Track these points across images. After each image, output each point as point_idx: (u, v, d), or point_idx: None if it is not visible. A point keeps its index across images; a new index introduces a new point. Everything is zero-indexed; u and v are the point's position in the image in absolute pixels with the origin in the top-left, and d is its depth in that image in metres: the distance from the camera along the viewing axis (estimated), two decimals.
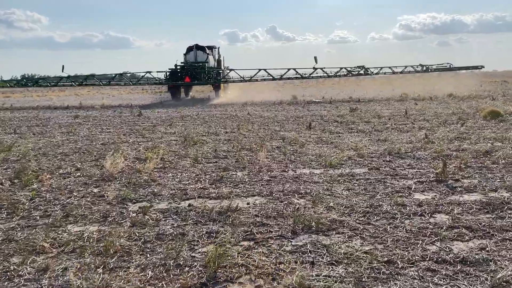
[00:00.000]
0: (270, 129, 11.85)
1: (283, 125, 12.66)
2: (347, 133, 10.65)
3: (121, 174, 6.72)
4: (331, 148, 8.58)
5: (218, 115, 16.60)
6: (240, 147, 8.87)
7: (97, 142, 10.28)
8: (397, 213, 4.47)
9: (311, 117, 14.69)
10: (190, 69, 27.36)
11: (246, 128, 12.12)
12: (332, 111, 16.94)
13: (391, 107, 17.74)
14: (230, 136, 10.73)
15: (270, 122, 13.52)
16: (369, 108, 17.52)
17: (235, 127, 12.53)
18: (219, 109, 19.64)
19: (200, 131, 11.69)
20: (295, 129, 11.80)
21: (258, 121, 14.05)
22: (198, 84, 29.91)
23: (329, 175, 6.20)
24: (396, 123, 12.28)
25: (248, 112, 17.22)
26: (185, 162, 7.46)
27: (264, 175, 6.36)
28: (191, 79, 27.25)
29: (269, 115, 15.99)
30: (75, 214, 4.78)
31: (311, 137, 10.15)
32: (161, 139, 10.43)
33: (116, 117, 16.65)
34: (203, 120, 14.81)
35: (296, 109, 18.35)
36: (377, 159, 7.30)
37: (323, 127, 11.86)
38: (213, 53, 30.79)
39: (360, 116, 14.55)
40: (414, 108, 16.55)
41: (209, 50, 29.70)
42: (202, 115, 16.80)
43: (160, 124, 13.74)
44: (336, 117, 14.57)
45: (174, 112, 18.37)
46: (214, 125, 13.07)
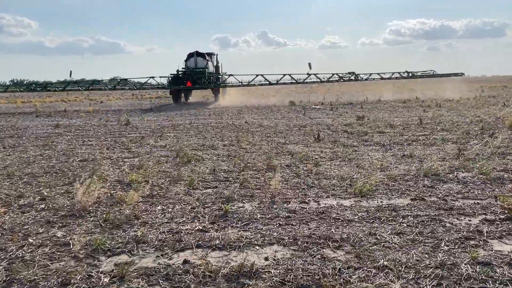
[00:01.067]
0: (273, 141, 10.48)
1: (287, 136, 11.29)
2: (364, 147, 9.31)
3: (97, 206, 5.29)
4: (352, 167, 7.23)
5: (213, 124, 15.19)
6: (243, 166, 7.48)
7: (75, 158, 8.82)
8: (488, 281, 3.10)
9: (316, 126, 13.36)
10: (191, 74, 28.97)
11: (246, 140, 10.73)
12: (337, 119, 15.63)
13: (399, 114, 16.48)
14: (230, 150, 9.34)
15: (272, 133, 12.15)
16: (376, 115, 16.24)
17: (234, 138, 11.13)
18: (214, 117, 18.23)
19: (194, 144, 10.28)
20: (302, 141, 10.44)
21: (258, 131, 12.67)
22: (199, 89, 31.35)
23: (364, 209, 4.83)
24: (414, 134, 10.98)
25: (246, 120, 15.84)
26: (177, 189, 6.04)
27: (280, 209, 4.97)
28: (192, 84, 28.80)
29: (269, 124, 14.62)
30: (22, 278, 3.35)
31: (324, 151, 8.80)
32: (149, 155, 9.01)
33: (101, 127, 15.16)
34: (197, 130, 13.40)
35: (297, 117, 17.01)
36: (414, 183, 5.96)
37: (333, 139, 10.52)
38: (212, 59, 32.35)
39: (370, 125, 13.24)
40: (426, 116, 15.28)
41: (208, 56, 31.25)
42: (195, 124, 15.39)
43: (149, 135, 12.30)
44: (343, 126, 13.25)
45: (165, 121, 16.93)
46: (210, 137, 11.66)
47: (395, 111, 18.05)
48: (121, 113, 21.94)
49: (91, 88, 32.00)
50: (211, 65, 31.58)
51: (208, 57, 31.23)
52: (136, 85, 31.78)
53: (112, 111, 23.87)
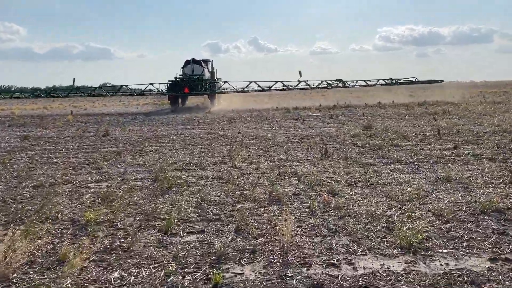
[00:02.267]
0: (272, 158, 8.83)
1: (289, 151, 9.65)
2: (383, 165, 7.69)
3: (28, 268, 3.59)
4: (380, 196, 5.60)
5: (202, 135, 13.50)
6: (238, 195, 5.82)
7: (29, 183, 7.08)
8: None
9: (319, 138, 11.75)
10: (188, 81, 30.11)
11: (241, 155, 9.07)
12: (341, 128, 14.03)
13: (408, 123, 14.94)
14: (221, 170, 7.67)
15: (270, 146, 10.51)
16: (384, 124, 14.67)
17: (226, 154, 9.46)
18: (203, 126, 16.53)
19: (179, 162, 8.59)
20: (307, 157, 8.81)
21: (254, 144, 11.02)
22: (196, 94, 32.49)
23: (427, 280, 3.18)
24: (436, 148, 9.41)
25: (239, 130, 14.18)
26: (149, 237, 4.35)
27: (298, 279, 3.30)
28: (190, 90, 29.92)
29: (266, 135, 12.97)
30: None
31: (337, 172, 7.16)
32: (122, 177, 7.30)
33: (76, 138, 13.39)
34: (183, 143, 11.69)
35: (295, 126, 15.39)
36: (476, 226, 4.34)
37: (343, 154, 8.90)
38: (208, 66, 33.60)
39: (380, 136, 11.66)
40: (439, 125, 13.75)
41: (204, 63, 32.50)
42: (182, 135, 13.69)
43: (128, 150, 10.57)
44: (350, 137, 11.65)
45: (149, 131, 15.19)
46: (197, 152, 9.97)
47: (403, 120, 16.51)
48: (103, 122, 20.16)
49: (93, 94, 33.32)
50: (207, 71, 32.74)
51: (204, 64, 32.36)
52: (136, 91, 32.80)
53: (94, 119, 22.07)
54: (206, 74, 31.95)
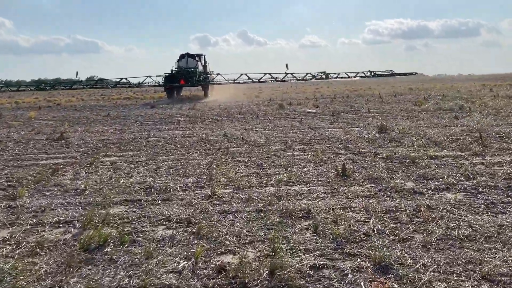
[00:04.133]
0: (269, 178, 6.29)
1: (290, 165, 7.11)
2: (434, 193, 5.18)
3: None
4: (467, 271, 3.08)
5: (179, 138, 10.88)
6: (214, 271, 3.26)
7: None
8: None
9: (325, 144, 9.23)
10: (184, 73, 32.80)
11: (225, 173, 6.52)
12: (349, 130, 11.50)
13: (427, 122, 12.47)
14: (193, 203, 5.10)
15: (264, 157, 7.95)
16: (399, 124, 12.18)
17: (205, 170, 6.88)
18: (183, 126, 13.88)
19: (135, 186, 5.99)
20: (317, 177, 6.28)
21: (243, 153, 8.45)
22: (191, 86, 35.05)
23: None
24: (492, 161, 6.93)
25: (225, 132, 11.57)
26: None
27: None
28: (185, 82, 32.68)
29: (258, 139, 10.40)
30: None
31: (370, 209, 4.63)
32: (37, 218, 4.69)
33: (21, 144, 10.67)
34: (151, 149, 9.08)
35: (293, 126, 12.85)
36: None
37: (367, 172, 6.38)
38: (201, 59, 36.26)
39: (404, 141, 9.19)
40: (469, 126, 11.29)
41: (198, 57, 35.37)
42: (155, 138, 11.05)
43: (75, 162, 7.93)
44: (366, 143, 9.15)
45: (116, 133, 12.51)
46: (166, 166, 7.37)
47: (418, 118, 14.05)
48: (68, 120, 17.39)
49: (95, 87, 36.82)
50: (200, 65, 35.30)
51: (198, 58, 35.17)
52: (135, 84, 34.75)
53: (61, 116, 19.26)
54: (199, 67, 34.58)
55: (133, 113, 20.34)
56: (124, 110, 22.35)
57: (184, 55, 34.36)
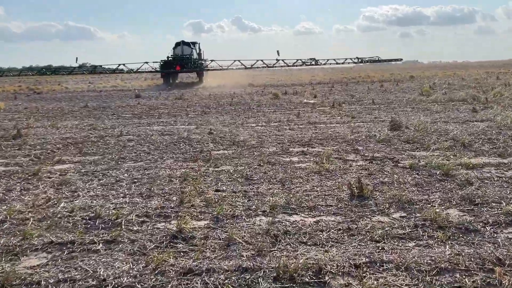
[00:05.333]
0: (260, 201, 4.68)
1: (288, 179, 5.50)
2: (492, 230, 3.60)
3: None
4: None
5: (156, 136, 9.20)
6: None
7: None
8: None
9: (330, 146, 7.62)
10: (179, 60, 34.58)
11: (203, 190, 4.90)
12: (355, 127, 9.89)
13: (443, 116, 10.87)
14: (152, 240, 3.48)
15: (255, 165, 6.32)
16: (411, 119, 10.56)
17: (177, 186, 5.24)
18: (164, 120, 12.18)
19: (74, 214, 4.35)
20: (325, 199, 4.68)
21: (230, 157, 6.82)
22: (186, 72, 37.70)
23: None
24: None
25: (211, 128, 9.90)
26: None
27: None
28: (181, 68, 34.48)
29: (248, 137, 8.76)
30: None
31: (402, 256, 3.03)
32: None
33: None
34: (119, 152, 7.41)
35: (290, 120, 11.22)
36: None
37: (391, 192, 4.78)
38: (195, 47, 37.86)
39: (424, 142, 7.61)
40: (496, 121, 9.71)
41: (193, 45, 37.17)
42: (128, 135, 9.39)
43: (16, 172, 6.26)
44: (378, 145, 7.56)
45: (85, 128, 10.81)
46: (130, 178, 5.72)
47: (431, 111, 12.45)
48: (40, 111, 15.63)
49: (94, 72, 39.07)
50: (195, 52, 37.02)
51: (193, 45, 36.98)
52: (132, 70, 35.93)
53: (34, 107, 17.45)
54: (194, 54, 36.41)
55: (114, 103, 18.59)
56: (106, 100, 20.59)
57: (179, 43, 36.03)
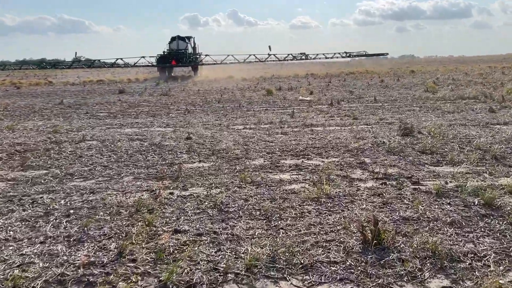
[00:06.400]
0: (233, 243, 3.26)
1: (275, 208, 4.09)
2: None
3: None
4: None
5: (124, 142, 7.74)
6: None
7: None
8: None
9: (330, 157, 6.21)
10: (175, 55, 35.44)
11: (156, 232, 3.49)
12: (359, 131, 8.47)
13: (458, 118, 9.48)
14: None
15: (234, 184, 4.90)
16: (428, 123, 9.17)
17: (123, 223, 3.81)
18: (141, 121, 10.69)
19: None
20: (325, 241, 3.27)
21: (204, 174, 5.39)
22: (182, 66, 37.99)
23: None
24: None
25: (190, 132, 8.43)
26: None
27: None
28: (176, 62, 35.37)
29: (232, 145, 7.32)
30: None
31: None
32: None
33: None
34: (69, 166, 5.95)
35: (283, 122, 9.80)
36: None
37: (416, 235, 3.38)
38: (190, 42, 38.42)
39: (441, 151, 6.22)
40: None
41: (188, 39, 37.85)
42: (93, 139, 7.93)
43: None
44: (390, 156, 6.15)
45: (45, 132, 9.33)
46: (65, 209, 4.27)
47: (442, 111, 11.06)
48: (7, 110, 14.12)
49: (92, 66, 39.24)
50: (190, 46, 37.80)
51: (188, 40, 37.67)
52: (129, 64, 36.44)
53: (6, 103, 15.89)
54: (189, 48, 37.31)
55: (93, 100, 17.08)
56: (86, 96, 19.06)
57: (175, 38, 36.64)
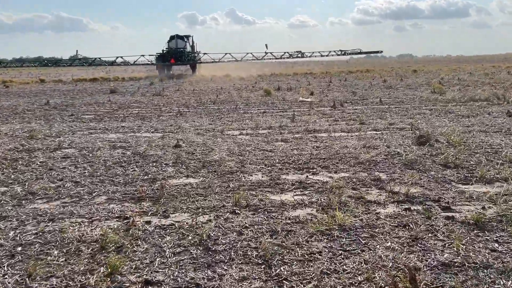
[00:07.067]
0: None
1: (277, 248, 3.21)
2: None
3: None
4: None
5: (104, 150, 6.83)
6: None
7: None
8: None
9: (335, 167, 5.34)
10: (174, 53, 36.46)
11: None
12: (368, 138, 7.59)
13: (476, 123, 8.63)
14: None
15: (227, 209, 4.02)
16: (444, 128, 8.31)
17: (78, 278, 2.92)
18: (128, 125, 9.77)
19: None
20: None
21: (190, 194, 4.52)
22: (180, 64, 38.96)
23: None
24: None
25: (180, 139, 7.52)
26: None
27: None
28: (175, 60, 36.31)
29: (226, 154, 6.43)
30: None
31: None
32: None
33: None
34: (30, 186, 5.04)
35: (283, 127, 8.93)
36: None
37: None
38: (189, 40, 39.30)
39: (467, 164, 5.36)
40: None
41: (186, 38, 38.80)
42: (71, 147, 7.03)
43: None
44: (407, 171, 5.28)
45: (20, 138, 8.42)
46: (9, 246, 3.39)
47: (456, 114, 10.21)
48: None
49: (93, 64, 39.44)
50: (188, 45, 38.72)
51: (186, 39, 38.62)
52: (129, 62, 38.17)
53: None
54: (188, 47, 38.23)
55: (81, 100, 16.19)
56: (75, 96, 18.16)
57: (174, 36, 37.64)
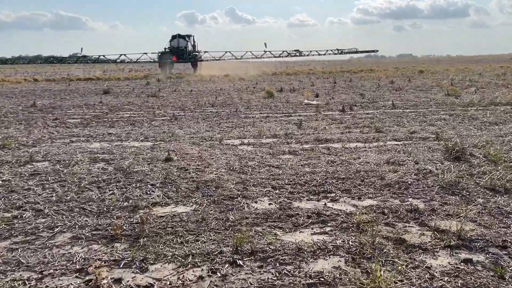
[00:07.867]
0: None
1: None
2: None
3: None
4: None
5: (84, 164, 5.80)
6: None
7: None
8: None
9: (358, 192, 4.30)
10: (176, 51, 37.84)
11: None
12: (389, 150, 6.56)
13: (501, 130, 7.61)
14: None
15: (225, 269, 2.99)
16: (475, 139, 7.29)
17: None
18: (116, 131, 8.72)
19: None
20: None
21: (179, 233, 3.49)
22: (182, 62, 40.82)
23: None
24: None
25: (172, 151, 6.49)
26: None
27: None
28: (177, 58, 37.81)
29: (225, 170, 5.39)
30: None
31: None
32: None
33: None
34: None
35: (289, 135, 7.89)
36: None
37: None
38: (190, 40, 40.27)
39: None
40: None
41: (188, 38, 39.84)
42: (46, 159, 6.00)
43: None
44: (449, 197, 4.24)
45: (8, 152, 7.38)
46: None
47: (482, 122, 9.19)
48: None
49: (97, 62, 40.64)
50: (190, 44, 39.85)
51: (188, 38, 39.74)
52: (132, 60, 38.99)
53: None
54: (189, 46, 39.41)
55: (70, 102, 15.15)
56: (65, 97, 17.09)
57: (175, 36, 38.93)
